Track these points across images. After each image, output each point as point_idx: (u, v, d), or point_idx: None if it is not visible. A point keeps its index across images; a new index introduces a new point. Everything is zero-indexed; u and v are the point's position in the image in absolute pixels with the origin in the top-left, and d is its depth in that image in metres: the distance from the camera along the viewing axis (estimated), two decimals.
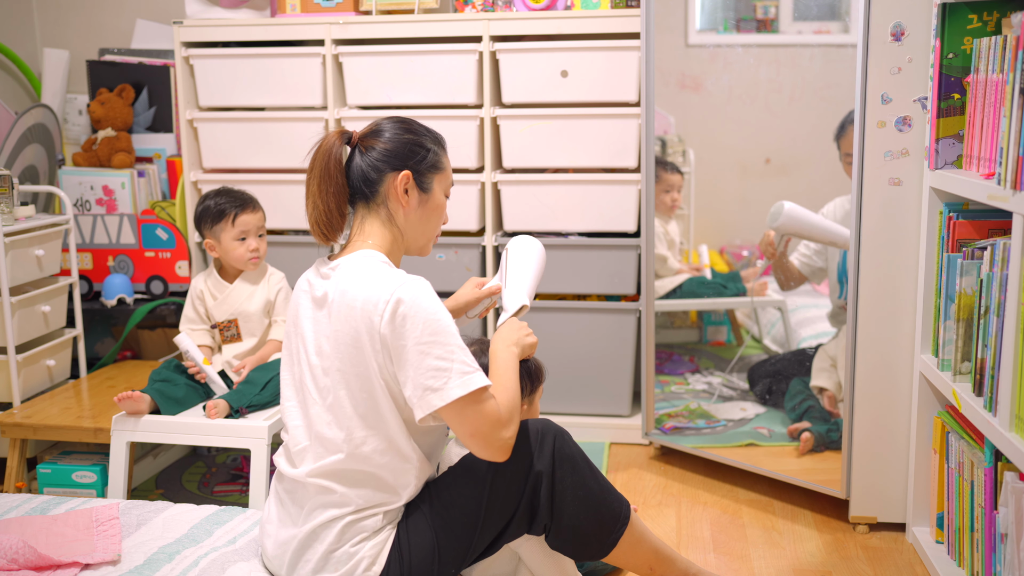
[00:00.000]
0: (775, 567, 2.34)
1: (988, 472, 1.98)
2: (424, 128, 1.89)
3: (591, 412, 3.19)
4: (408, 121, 1.88)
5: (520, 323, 1.93)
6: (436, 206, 1.89)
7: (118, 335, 3.50)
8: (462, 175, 3.13)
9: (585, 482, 1.86)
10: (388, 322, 1.69)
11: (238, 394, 2.54)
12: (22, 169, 3.17)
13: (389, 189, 1.82)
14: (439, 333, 1.69)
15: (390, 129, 1.85)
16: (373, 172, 1.82)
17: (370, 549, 1.76)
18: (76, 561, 1.85)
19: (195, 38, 3.20)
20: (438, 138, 1.91)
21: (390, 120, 1.88)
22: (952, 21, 2.15)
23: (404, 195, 1.83)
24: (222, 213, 2.67)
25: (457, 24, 3.06)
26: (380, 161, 1.82)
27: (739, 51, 3.70)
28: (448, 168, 1.90)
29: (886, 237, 2.40)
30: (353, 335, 1.73)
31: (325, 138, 1.83)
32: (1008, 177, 1.82)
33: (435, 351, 1.68)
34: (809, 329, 3.57)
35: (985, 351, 1.97)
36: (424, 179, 1.85)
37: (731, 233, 3.90)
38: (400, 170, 1.82)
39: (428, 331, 1.68)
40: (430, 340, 1.68)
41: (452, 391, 1.67)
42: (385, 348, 1.71)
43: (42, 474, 2.70)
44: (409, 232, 1.87)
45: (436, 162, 1.87)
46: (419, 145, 1.85)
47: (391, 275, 1.74)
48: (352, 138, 1.85)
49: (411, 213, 1.85)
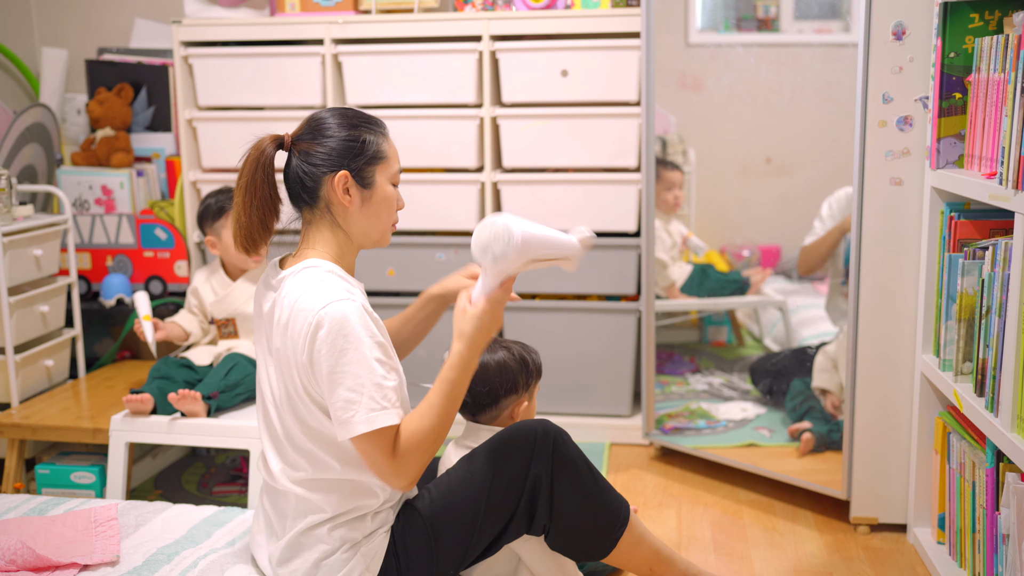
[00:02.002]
0: (776, 568, 2.34)
1: (990, 473, 1.97)
2: (359, 117, 1.78)
3: (591, 412, 3.19)
4: (342, 113, 1.77)
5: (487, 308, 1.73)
6: (383, 198, 1.78)
7: (117, 335, 3.49)
8: (462, 175, 3.12)
9: (584, 483, 1.85)
10: (307, 346, 1.65)
11: (205, 385, 2.54)
12: (20, 169, 3.16)
13: (329, 192, 1.74)
14: (353, 364, 1.63)
15: (322, 127, 1.75)
16: (309, 179, 1.73)
17: (363, 556, 1.75)
18: (75, 562, 1.85)
19: (194, 37, 3.19)
20: (375, 125, 1.79)
21: (324, 113, 1.77)
22: (953, 20, 2.15)
23: (345, 195, 1.74)
24: (222, 210, 2.67)
25: (457, 23, 3.05)
26: (314, 165, 1.73)
27: (740, 50, 3.69)
28: (391, 155, 1.79)
29: (887, 237, 2.39)
30: (287, 355, 1.70)
31: (255, 144, 1.73)
32: (1009, 177, 1.82)
33: (347, 382, 1.64)
34: (809, 329, 3.57)
35: (987, 351, 1.96)
36: (364, 175, 1.75)
37: (731, 233, 3.90)
38: (336, 171, 1.73)
39: (342, 360, 1.63)
40: (342, 371, 1.64)
41: (357, 426, 1.63)
42: (307, 370, 1.67)
43: (40, 475, 2.69)
44: (358, 231, 1.78)
45: (375, 153, 1.76)
46: (353, 140, 1.74)
47: (320, 295, 1.66)
48: (285, 142, 1.75)
49: (356, 212, 1.76)
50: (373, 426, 1.63)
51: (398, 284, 3.24)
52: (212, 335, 2.77)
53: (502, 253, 1.68)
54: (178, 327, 2.72)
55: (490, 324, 1.74)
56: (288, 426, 1.74)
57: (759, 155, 3.78)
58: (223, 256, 2.72)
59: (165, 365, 2.64)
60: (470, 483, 1.81)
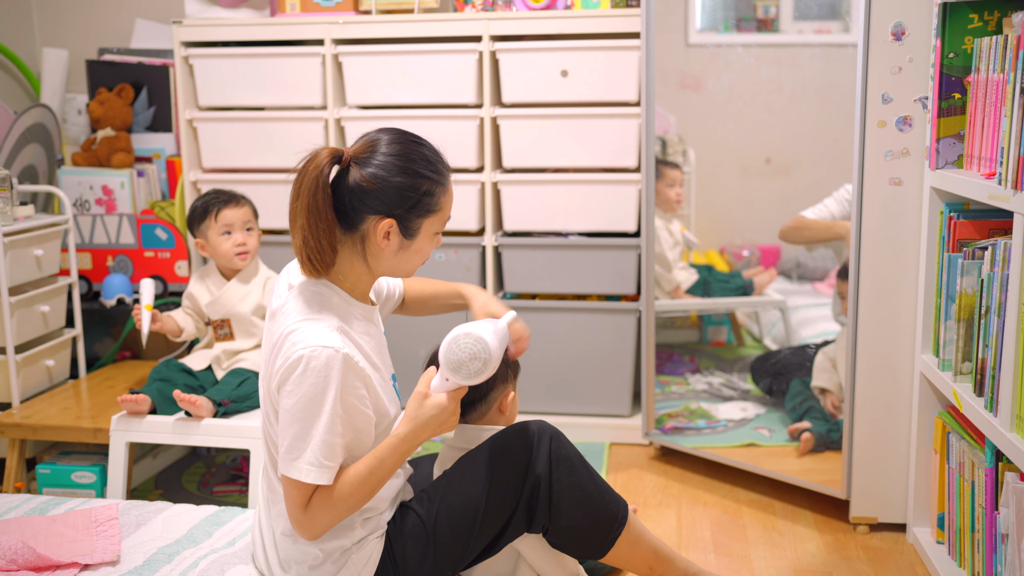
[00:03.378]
0: (775, 568, 2.34)
1: (989, 472, 1.97)
2: (424, 163, 1.69)
3: (591, 412, 3.19)
4: (406, 152, 1.68)
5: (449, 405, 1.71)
6: (421, 247, 1.74)
7: (117, 335, 3.50)
8: (462, 175, 3.13)
9: (582, 483, 1.85)
10: (280, 376, 1.64)
11: (217, 391, 2.55)
12: (21, 169, 3.16)
13: (369, 229, 1.68)
14: (310, 414, 1.62)
15: (382, 162, 1.66)
16: (354, 211, 1.67)
17: (353, 563, 1.75)
18: (75, 562, 1.85)
19: (194, 38, 3.19)
20: (438, 173, 1.70)
21: (388, 145, 1.68)
22: (953, 20, 2.15)
23: (384, 240, 1.69)
24: (206, 210, 2.68)
25: (457, 24, 3.06)
26: (364, 200, 1.66)
27: (739, 51, 3.70)
28: (446, 207, 1.73)
29: (886, 237, 2.40)
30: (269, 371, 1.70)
31: (312, 160, 1.65)
32: (1009, 177, 1.82)
33: (297, 427, 1.63)
34: (810, 329, 3.57)
35: (986, 351, 1.97)
36: (411, 226, 1.70)
37: (731, 233, 3.90)
38: (384, 215, 1.67)
39: (302, 407, 1.62)
40: (298, 416, 1.62)
41: (292, 470, 1.63)
42: (273, 393, 1.68)
43: (41, 474, 2.70)
44: (384, 269, 1.75)
45: (429, 206, 1.70)
46: (411, 189, 1.67)
47: (313, 335, 1.63)
48: (343, 158, 1.67)
49: (389, 257, 1.72)
50: (306, 479, 1.63)
51: None
52: (208, 338, 2.77)
53: (477, 372, 1.68)
54: (173, 321, 2.72)
55: (445, 420, 1.72)
56: (272, 435, 1.75)
57: (759, 155, 3.78)
58: (213, 257, 2.73)
59: (166, 368, 2.64)
60: (468, 485, 1.81)
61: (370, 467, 1.68)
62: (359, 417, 1.68)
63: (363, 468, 1.68)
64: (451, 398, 1.71)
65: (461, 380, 1.69)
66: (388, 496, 1.81)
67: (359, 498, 1.68)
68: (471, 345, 1.67)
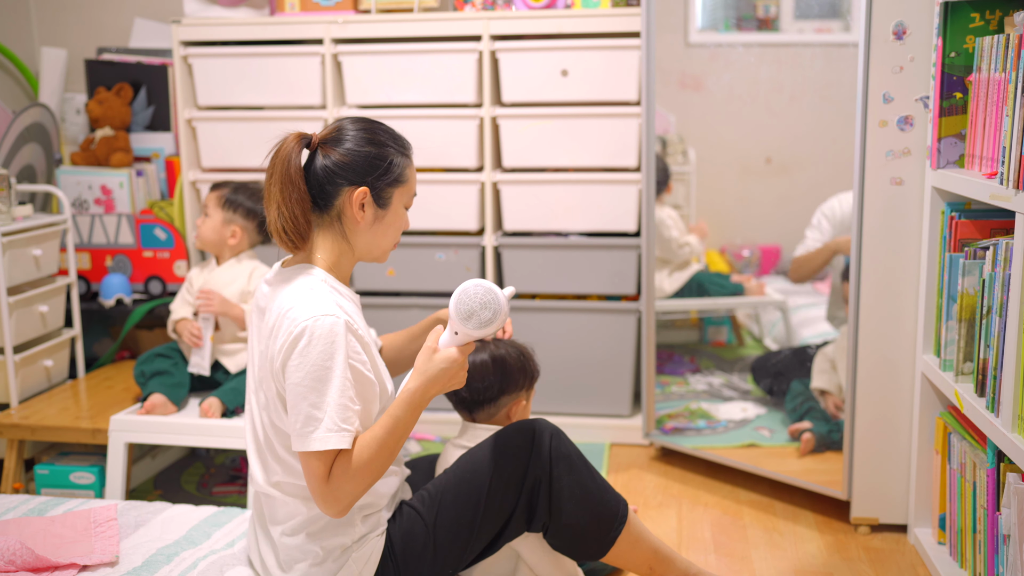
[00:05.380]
0: (776, 568, 2.33)
1: (990, 473, 1.97)
2: (389, 135, 1.78)
3: (591, 412, 3.18)
4: (372, 128, 1.77)
5: (459, 358, 1.73)
6: (394, 220, 1.79)
7: (116, 335, 3.49)
8: (462, 175, 3.12)
9: (582, 481, 1.85)
10: (283, 354, 1.65)
11: (233, 392, 2.55)
12: (20, 168, 3.16)
13: (344, 203, 1.74)
14: (322, 381, 1.63)
15: (352, 137, 1.75)
16: (329, 184, 1.73)
17: (354, 561, 1.75)
18: (74, 562, 1.84)
19: (194, 37, 3.19)
20: (403, 146, 1.79)
21: (353, 124, 1.77)
22: (954, 20, 2.15)
23: (360, 211, 1.74)
24: None
25: (457, 23, 3.05)
26: (337, 174, 1.72)
27: (740, 50, 3.69)
28: (412, 179, 1.80)
29: (887, 237, 2.39)
30: (267, 361, 1.69)
31: (284, 141, 1.73)
32: (1010, 176, 1.81)
33: (311, 397, 1.63)
34: (809, 329, 3.57)
35: (987, 351, 1.96)
36: (383, 195, 1.76)
37: (731, 233, 3.90)
38: (357, 185, 1.73)
39: (312, 376, 1.62)
40: (310, 386, 1.63)
41: (312, 442, 1.63)
42: (280, 378, 1.67)
43: (40, 475, 2.69)
44: (362, 246, 1.78)
45: (399, 176, 1.77)
46: (380, 158, 1.74)
47: (308, 307, 1.65)
48: (312, 141, 1.75)
49: (365, 229, 1.76)
50: (327, 445, 1.62)
51: (398, 284, 3.24)
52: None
53: (488, 322, 1.69)
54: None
55: (455, 374, 1.72)
56: (267, 431, 1.75)
57: (759, 155, 3.78)
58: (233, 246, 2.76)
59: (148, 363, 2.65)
60: (468, 482, 1.81)
61: (386, 427, 1.68)
62: (365, 384, 1.69)
63: (379, 430, 1.68)
64: (460, 351, 1.72)
65: (471, 330, 1.70)
66: (387, 492, 1.81)
67: (380, 462, 1.67)
68: (482, 294, 1.69)
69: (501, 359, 2.00)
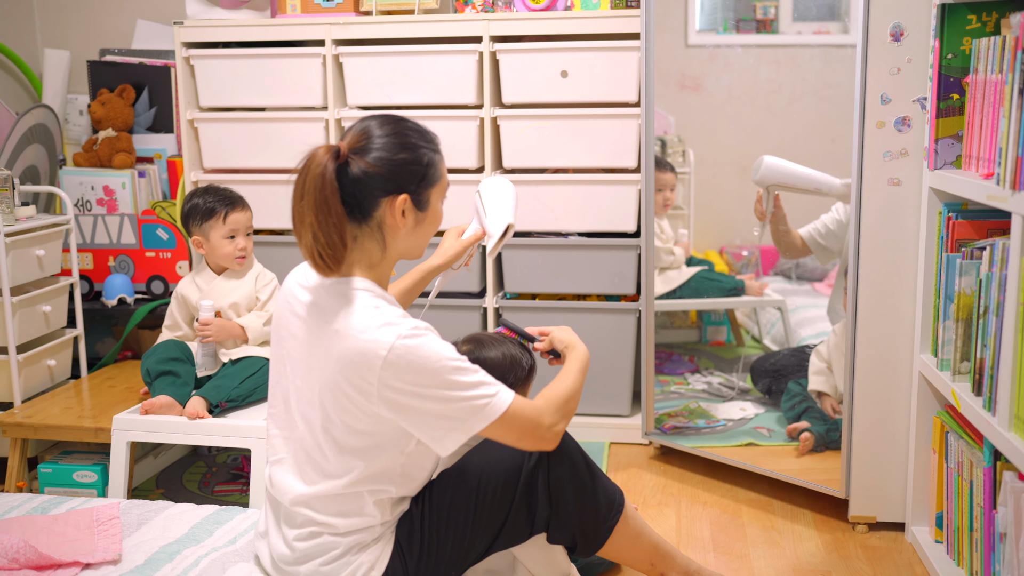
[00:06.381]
0: (775, 567, 2.35)
1: (987, 472, 1.98)
2: (417, 135, 1.72)
3: (591, 412, 3.19)
4: (400, 131, 1.70)
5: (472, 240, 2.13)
6: (433, 219, 1.77)
7: (119, 335, 3.50)
8: (462, 175, 3.13)
9: (578, 471, 1.86)
10: (392, 380, 1.61)
11: (216, 388, 2.54)
12: (23, 169, 3.17)
13: (384, 214, 1.69)
14: (447, 372, 1.62)
15: (382, 144, 1.67)
16: (366, 199, 1.67)
17: (368, 555, 1.76)
18: (77, 561, 1.85)
19: (195, 38, 3.20)
20: (432, 142, 1.74)
21: (380, 128, 1.69)
22: (951, 21, 2.16)
23: (401, 217, 1.70)
24: (212, 211, 2.67)
25: (457, 24, 3.06)
26: (374, 186, 1.66)
27: (739, 51, 3.70)
28: (445, 174, 1.76)
29: (885, 237, 2.40)
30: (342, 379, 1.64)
31: (312, 158, 1.64)
32: (1007, 177, 1.82)
33: (450, 392, 1.62)
34: (809, 329, 3.57)
35: (984, 351, 1.97)
36: (422, 198, 1.72)
37: (731, 233, 3.90)
38: (396, 194, 1.68)
39: (436, 381, 1.61)
40: (441, 391, 1.62)
41: (490, 415, 1.65)
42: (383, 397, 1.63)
43: (43, 474, 2.70)
44: (402, 249, 1.75)
45: (434, 176, 1.73)
46: (416, 163, 1.69)
47: (385, 329, 1.62)
48: (340, 152, 1.66)
49: (407, 234, 1.73)
50: (504, 403, 1.65)
51: None
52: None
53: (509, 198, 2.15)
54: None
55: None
56: (320, 442, 1.71)
57: (759, 155, 3.78)
58: (208, 257, 2.72)
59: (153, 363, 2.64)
60: (464, 484, 1.82)
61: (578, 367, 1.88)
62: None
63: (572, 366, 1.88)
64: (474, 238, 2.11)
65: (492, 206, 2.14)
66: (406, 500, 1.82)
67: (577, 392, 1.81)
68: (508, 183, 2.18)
69: (510, 355, 2.04)
